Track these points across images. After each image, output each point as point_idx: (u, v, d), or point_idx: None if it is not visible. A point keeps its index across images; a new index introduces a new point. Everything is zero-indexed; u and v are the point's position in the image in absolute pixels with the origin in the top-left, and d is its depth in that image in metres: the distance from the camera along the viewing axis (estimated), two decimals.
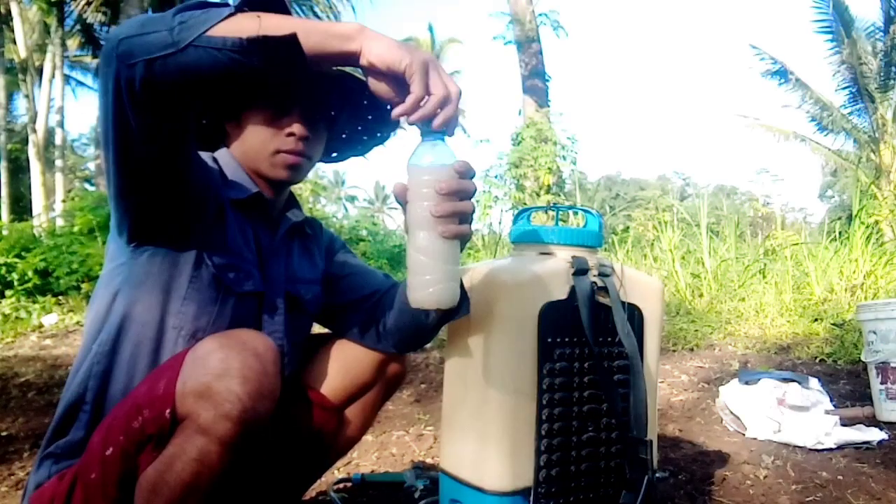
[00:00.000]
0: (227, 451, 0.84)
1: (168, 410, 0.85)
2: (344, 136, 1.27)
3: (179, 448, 0.84)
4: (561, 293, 1.09)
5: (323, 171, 42.98)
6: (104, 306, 1.02)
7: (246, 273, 1.07)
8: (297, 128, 1.09)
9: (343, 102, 1.18)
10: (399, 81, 0.82)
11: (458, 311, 1.05)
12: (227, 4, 0.83)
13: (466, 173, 0.87)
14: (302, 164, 1.12)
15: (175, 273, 1.00)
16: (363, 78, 1.01)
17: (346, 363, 1.25)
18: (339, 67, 1.00)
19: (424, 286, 0.88)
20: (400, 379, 1.32)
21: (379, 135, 1.27)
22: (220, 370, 0.84)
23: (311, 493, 1.60)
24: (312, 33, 0.79)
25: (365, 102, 1.18)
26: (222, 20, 0.78)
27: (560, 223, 1.27)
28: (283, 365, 1.08)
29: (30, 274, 5.18)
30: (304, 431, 1.22)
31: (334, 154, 1.31)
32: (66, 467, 0.97)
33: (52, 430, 1.02)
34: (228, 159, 1.12)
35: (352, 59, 0.82)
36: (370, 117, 1.23)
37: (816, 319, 3.90)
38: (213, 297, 1.02)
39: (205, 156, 1.09)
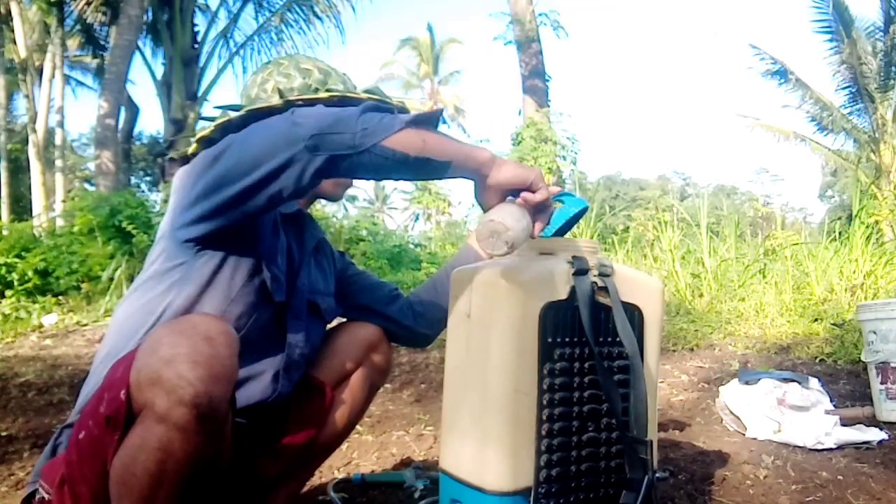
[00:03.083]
0: (189, 437, 0.84)
1: (123, 391, 0.86)
2: None
3: (141, 439, 0.84)
4: (561, 293, 1.09)
5: None
6: (156, 298, 1.08)
7: (280, 284, 1.16)
8: None
9: None
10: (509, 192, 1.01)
11: None
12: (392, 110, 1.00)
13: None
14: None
15: (229, 277, 1.09)
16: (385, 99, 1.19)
17: (333, 345, 1.34)
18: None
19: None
20: (385, 366, 1.40)
21: None
22: (169, 356, 0.84)
23: (312, 493, 1.60)
24: (459, 157, 0.97)
25: None
26: (395, 132, 0.92)
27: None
28: (289, 358, 1.21)
29: (30, 274, 5.18)
30: (297, 410, 1.27)
31: None
32: None
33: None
34: None
35: (478, 177, 1.00)
36: None
37: (816, 319, 3.90)
38: (255, 303, 1.12)
39: None
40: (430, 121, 0.97)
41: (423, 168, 0.96)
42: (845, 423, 2.02)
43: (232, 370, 0.89)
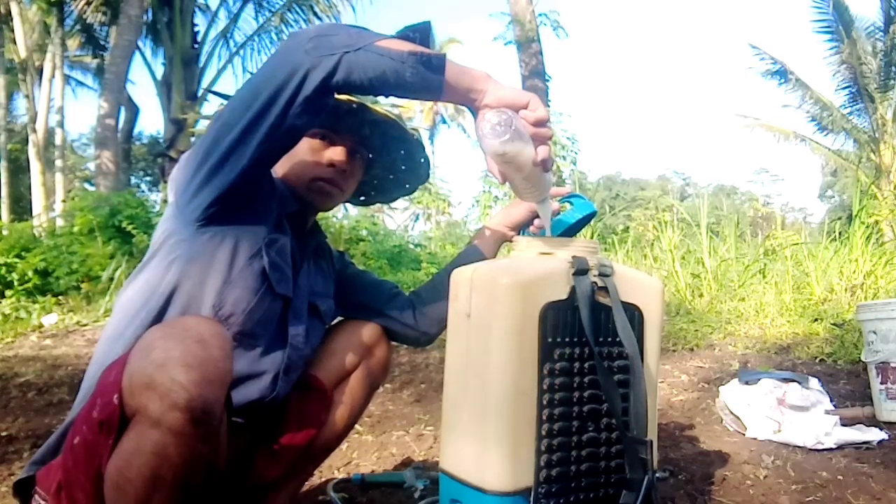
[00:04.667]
0: (183, 441, 0.83)
1: (116, 396, 0.85)
2: (376, 182, 1.39)
3: (135, 443, 0.83)
4: (561, 293, 1.09)
5: None
6: (157, 276, 1.08)
7: (285, 277, 1.16)
8: (338, 160, 1.21)
9: (383, 149, 1.31)
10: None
11: None
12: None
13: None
14: (335, 195, 1.24)
15: (230, 257, 1.09)
16: (408, 130, 1.25)
17: (332, 344, 1.34)
18: (387, 112, 1.19)
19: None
20: (385, 365, 1.40)
21: (408, 185, 1.41)
22: (162, 360, 0.83)
23: (312, 493, 1.60)
24: (453, 65, 0.96)
25: (402, 152, 1.32)
26: (389, 38, 0.96)
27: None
28: (289, 359, 1.21)
29: (30, 274, 5.17)
30: (296, 411, 1.28)
31: (362, 198, 1.44)
32: None
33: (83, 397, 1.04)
34: (272, 175, 1.19)
35: (473, 97, 0.98)
36: (403, 167, 1.36)
37: (816, 319, 3.90)
38: (255, 289, 1.11)
39: None
40: (420, 31, 1.00)
41: (421, 67, 0.94)
42: (845, 423, 2.02)
43: (226, 373, 0.88)
